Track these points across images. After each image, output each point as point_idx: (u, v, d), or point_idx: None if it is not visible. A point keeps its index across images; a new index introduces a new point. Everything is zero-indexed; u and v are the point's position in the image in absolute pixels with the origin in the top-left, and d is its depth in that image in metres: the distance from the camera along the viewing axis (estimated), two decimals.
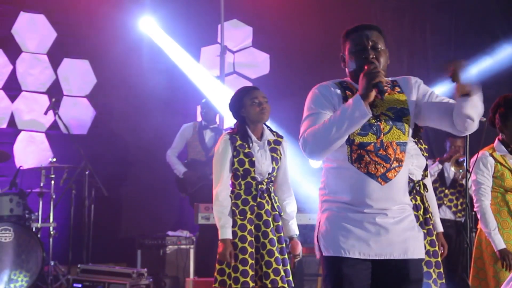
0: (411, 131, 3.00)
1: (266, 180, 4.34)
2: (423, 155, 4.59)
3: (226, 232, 4.25)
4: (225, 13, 8.23)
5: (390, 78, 3.05)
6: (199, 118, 8.15)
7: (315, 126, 2.88)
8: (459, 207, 7.51)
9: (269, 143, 4.41)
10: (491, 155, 4.61)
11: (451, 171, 7.53)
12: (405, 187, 3.00)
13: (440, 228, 4.68)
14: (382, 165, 2.90)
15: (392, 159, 2.91)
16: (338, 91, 2.98)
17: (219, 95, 8.08)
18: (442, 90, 8.45)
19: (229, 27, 8.89)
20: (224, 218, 4.26)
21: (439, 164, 7.47)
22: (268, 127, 4.47)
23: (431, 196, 4.67)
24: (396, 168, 2.92)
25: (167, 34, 8.35)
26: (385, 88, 2.86)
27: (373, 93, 2.80)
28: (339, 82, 3.03)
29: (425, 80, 3.09)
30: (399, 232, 2.91)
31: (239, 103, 4.41)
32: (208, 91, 8.18)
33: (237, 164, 4.29)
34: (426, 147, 4.65)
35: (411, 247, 2.92)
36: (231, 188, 4.34)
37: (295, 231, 4.45)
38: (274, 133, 4.50)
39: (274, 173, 4.39)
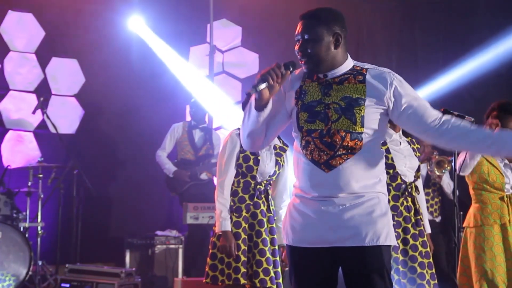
0: (369, 121, 2.90)
1: (265, 182, 4.39)
2: (415, 155, 4.59)
3: (226, 224, 4.25)
4: (214, 13, 8.23)
5: (363, 65, 2.98)
6: (188, 118, 8.14)
7: None
8: (435, 207, 7.58)
9: (275, 147, 4.47)
10: None
11: (425, 170, 7.56)
12: (364, 175, 2.90)
13: (428, 230, 4.70)
14: (325, 152, 2.88)
15: (338, 146, 2.87)
16: (300, 80, 3.01)
17: (208, 95, 8.08)
18: (430, 90, 8.49)
19: (218, 27, 8.88)
20: (225, 211, 4.28)
21: None
22: None
23: (421, 197, 4.69)
24: (343, 156, 2.87)
25: (156, 33, 8.33)
26: (273, 83, 2.85)
27: (264, 92, 2.86)
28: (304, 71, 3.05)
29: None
30: (348, 219, 2.86)
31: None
32: (197, 90, 8.17)
33: (241, 160, 4.33)
34: (419, 147, 4.66)
35: (363, 234, 2.85)
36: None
37: None
38: (281, 140, 4.56)
39: (274, 177, 4.44)
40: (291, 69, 2.91)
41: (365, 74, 2.93)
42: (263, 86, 2.84)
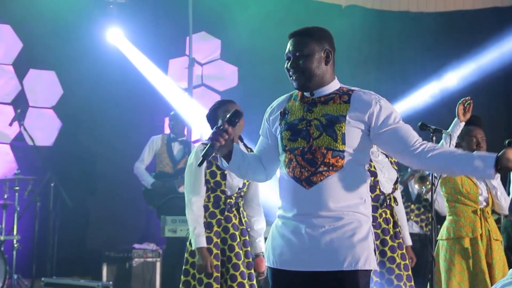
0: (351, 139, 2.89)
1: (235, 195, 4.33)
2: (393, 168, 4.61)
3: (201, 241, 4.19)
4: (194, 26, 8.24)
5: (350, 87, 3.00)
6: (167, 131, 8.12)
7: None
8: (426, 222, 7.69)
9: None
10: None
11: (414, 187, 7.65)
12: (345, 195, 2.88)
13: (408, 242, 4.72)
14: (307, 169, 2.88)
15: (319, 163, 2.87)
16: (284, 103, 3.06)
17: (187, 108, 8.07)
18: (408, 103, 8.56)
19: (197, 39, 8.89)
20: (199, 227, 4.22)
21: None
22: (243, 141, 4.45)
23: (400, 209, 4.70)
24: (324, 173, 2.87)
25: (135, 46, 8.32)
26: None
27: (219, 151, 2.98)
28: (291, 93, 3.10)
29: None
30: (326, 242, 2.84)
31: (214, 116, 4.39)
32: (176, 103, 8.16)
33: (208, 176, 4.27)
34: (396, 160, 4.68)
35: (341, 258, 2.83)
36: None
37: (262, 248, 4.42)
38: (249, 149, 4.47)
39: (244, 189, 4.37)
40: (237, 120, 2.96)
41: (351, 94, 2.94)
42: (212, 153, 2.94)
